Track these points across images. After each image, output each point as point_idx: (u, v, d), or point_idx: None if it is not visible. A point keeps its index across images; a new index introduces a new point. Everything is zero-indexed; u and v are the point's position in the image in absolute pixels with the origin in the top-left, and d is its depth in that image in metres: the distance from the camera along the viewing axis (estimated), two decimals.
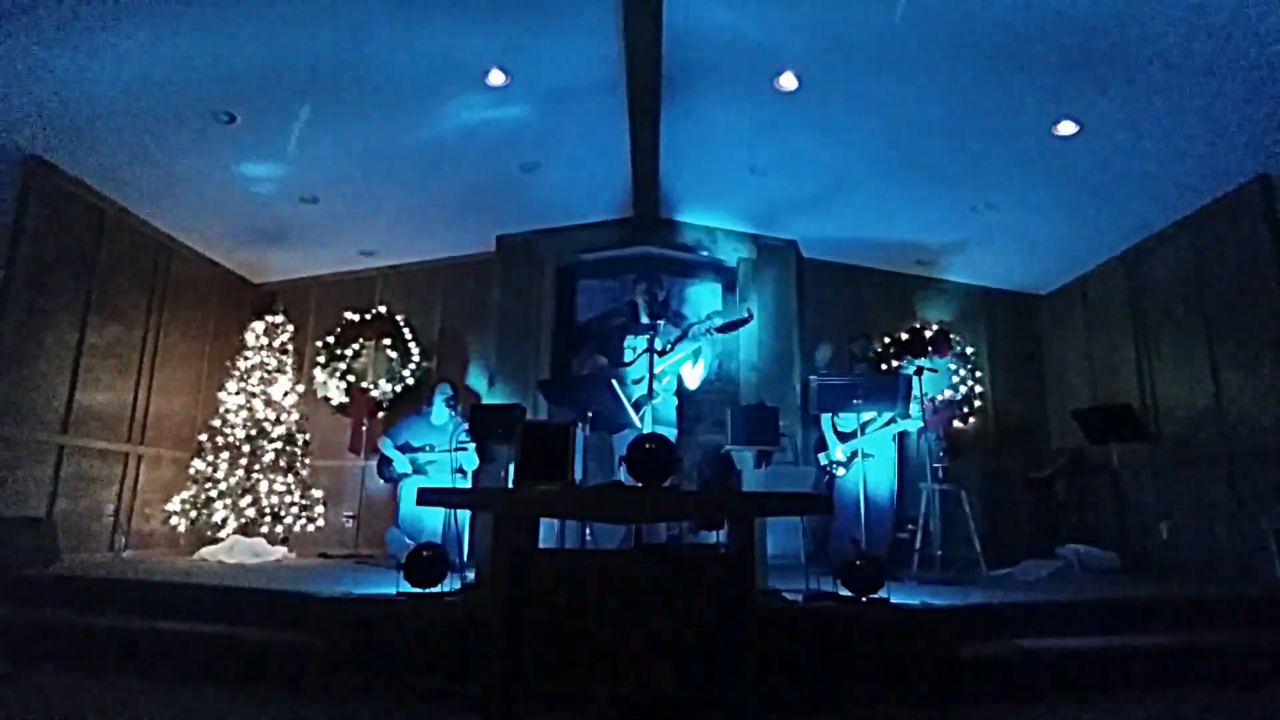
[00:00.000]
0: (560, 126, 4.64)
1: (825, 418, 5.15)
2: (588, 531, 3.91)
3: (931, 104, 4.15)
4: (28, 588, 3.80)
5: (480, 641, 2.75)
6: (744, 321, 4.78)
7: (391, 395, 6.30)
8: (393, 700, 2.86)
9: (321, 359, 6.48)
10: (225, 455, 5.36)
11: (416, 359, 6.37)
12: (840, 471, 5.02)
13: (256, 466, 5.39)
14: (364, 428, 6.17)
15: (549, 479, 2.94)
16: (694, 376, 4.86)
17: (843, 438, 5.09)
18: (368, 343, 6.55)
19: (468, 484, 4.75)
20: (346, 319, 6.52)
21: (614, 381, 4.06)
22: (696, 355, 4.80)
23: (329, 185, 5.22)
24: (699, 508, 3.29)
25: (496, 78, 4.08)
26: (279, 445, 5.54)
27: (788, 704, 2.82)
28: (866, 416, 4.71)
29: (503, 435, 3.94)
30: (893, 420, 4.87)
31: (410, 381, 6.31)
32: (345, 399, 6.36)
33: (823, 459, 5.18)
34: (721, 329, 4.73)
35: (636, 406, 4.51)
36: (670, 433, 4.83)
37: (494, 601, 2.70)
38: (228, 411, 5.51)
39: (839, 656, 2.90)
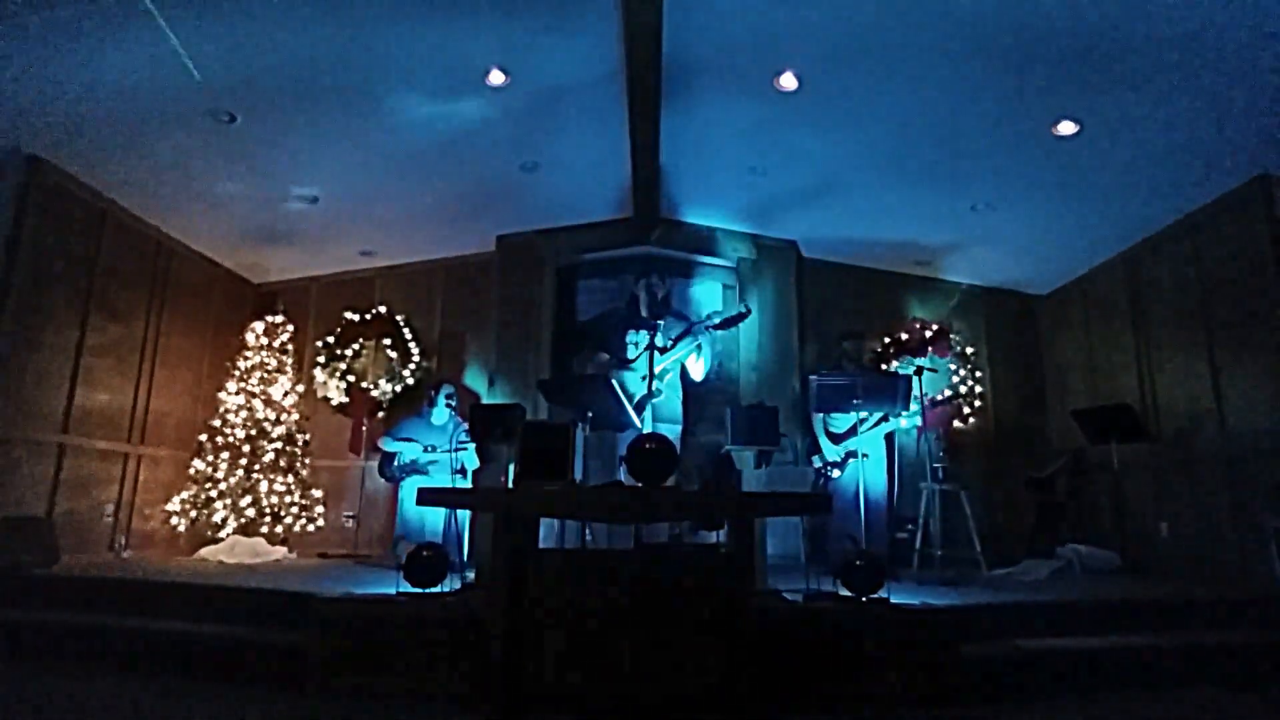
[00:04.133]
0: (560, 127, 4.64)
1: (818, 419, 5.17)
2: (588, 531, 3.92)
3: (931, 104, 4.15)
4: (28, 588, 3.81)
5: (480, 641, 2.75)
6: (743, 316, 4.89)
7: (391, 395, 6.30)
8: (393, 700, 2.86)
9: (321, 359, 6.47)
10: (225, 455, 5.35)
11: (416, 359, 6.36)
12: (835, 473, 5.02)
13: (256, 466, 5.39)
14: (364, 428, 6.17)
15: (549, 479, 2.94)
16: (698, 369, 4.98)
17: (838, 439, 5.09)
18: (368, 343, 6.54)
19: (468, 484, 4.76)
20: (346, 319, 6.51)
21: (614, 381, 4.07)
22: (699, 351, 4.90)
23: (329, 185, 5.22)
24: (699, 508, 3.29)
25: (496, 78, 4.08)
26: (279, 445, 5.55)
27: (788, 704, 2.82)
28: (861, 417, 4.72)
29: (503, 435, 3.95)
30: (884, 419, 4.88)
31: (410, 381, 6.31)
32: (345, 399, 6.36)
33: (817, 461, 5.19)
34: (720, 325, 4.82)
35: (639, 407, 4.53)
36: (675, 429, 4.87)
37: (494, 601, 2.71)
38: (228, 411, 5.52)
39: (839, 656, 2.90)
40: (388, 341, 6.47)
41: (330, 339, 6.51)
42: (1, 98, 4.01)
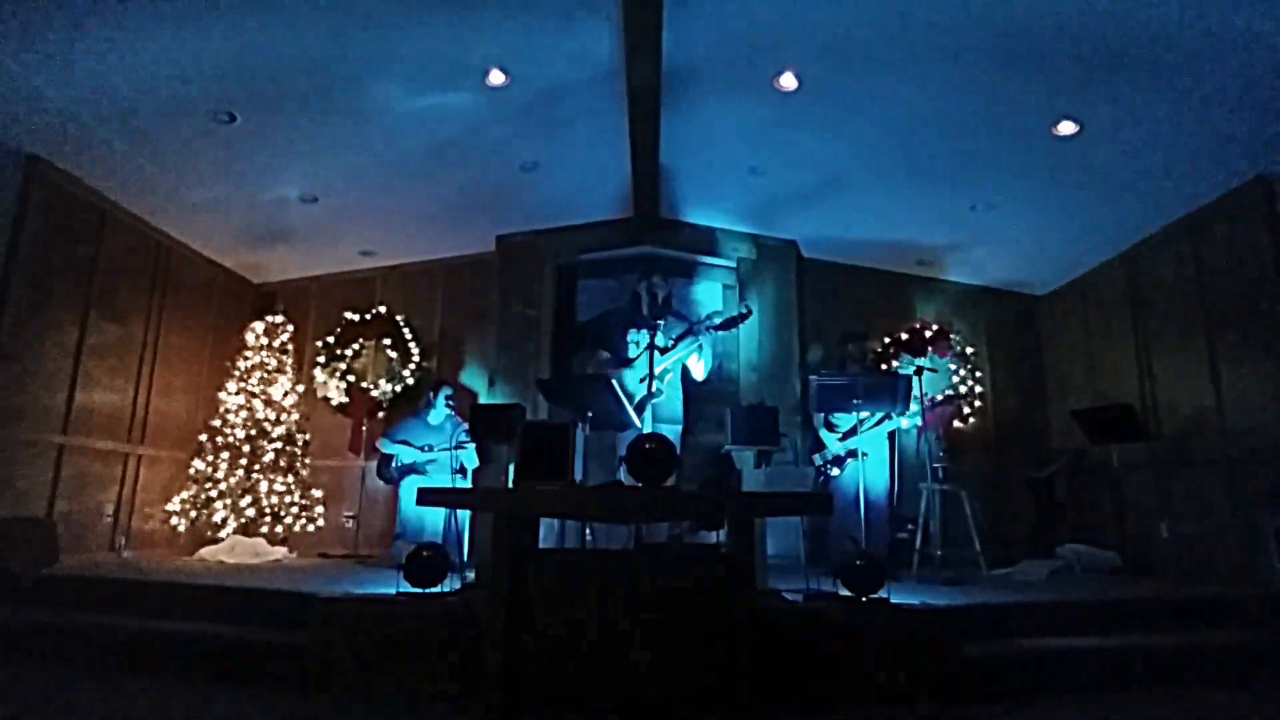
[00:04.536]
0: (560, 126, 4.64)
1: (818, 418, 5.17)
2: (588, 531, 3.91)
3: (931, 104, 4.15)
4: (28, 588, 3.81)
5: (480, 641, 2.75)
6: (744, 317, 4.89)
7: (391, 395, 6.30)
8: (393, 700, 2.86)
9: (321, 359, 6.47)
10: (225, 455, 5.36)
11: (416, 359, 6.36)
12: (835, 472, 5.02)
13: (256, 466, 5.39)
14: (364, 428, 6.17)
15: (549, 479, 2.94)
16: (699, 369, 4.99)
17: (840, 436, 5.09)
18: (368, 343, 6.54)
19: (468, 484, 4.76)
20: (346, 319, 6.51)
21: (614, 381, 4.06)
22: (700, 351, 4.91)
23: (329, 185, 5.22)
24: (699, 508, 3.29)
25: (496, 78, 4.08)
26: (279, 445, 5.55)
27: (788, 704, 2.82)
28: (862, 416, 4.72)
29: (503, 435, 3.95)
30: (886, 418, 4.87)
31: (410, 381, 6.31)
32: (345, 399, 6.36)
33: (817, 459, 5.19)
34: (721, 325, 4.82)
35: (639, 407, 4.53)
36: (675, 429, 4.88)
37: (494, 601, 2.71)
38: (228, 411, 5.52)
39: (839, 656, 2.90)
40: (388, 341, 6.47)
41: (330, 339, 6.52)
42: (1, 98, 4.01)
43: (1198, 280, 4.87)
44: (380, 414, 6.30)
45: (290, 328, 6.10)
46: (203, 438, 5.46)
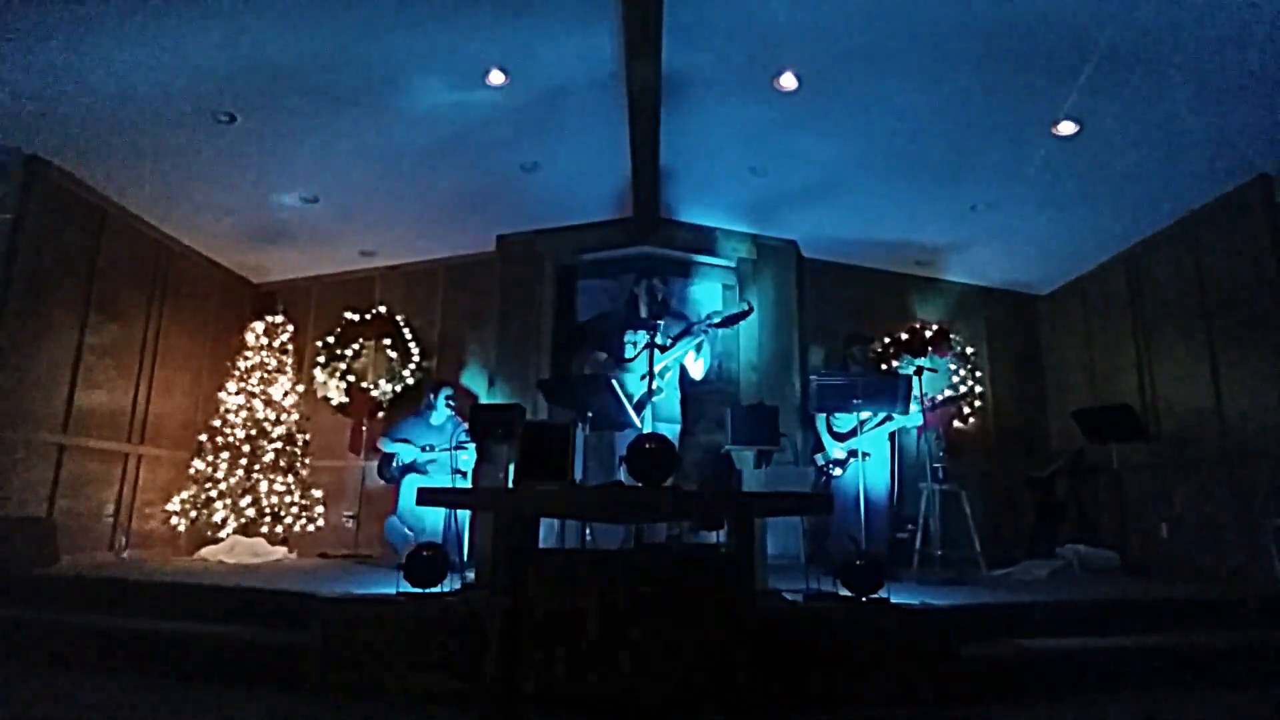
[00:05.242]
0: (560, 126, 4.64)
1: (820, 418, 5.17)
2: (588, 531, 3.91)
3: (931, 104, 4.15)
4: (28, 588, 3.81)
5: (480, 641, 2.75)
6: (745, 314, 4.86)
7: (391, 395, 6.30)
8: (392, 700, 2.86)
9: (321, 359, 6.47)
10: (225, 455, 5.36)
11: (416, 359, 6.36)
12: (837, 472, 5.02)
13: (256, 466, 5.39)
14: (364, 428, 6.17)
15: (549, 479, 2.95)
16: (697, 369, 4.97)
17: (840, 438, 5.09)
18: (368, 343, 6.54)
19: (468, 484, 4.75)
20: (346, 319, 6.51)
21: (614, 381, 4.06)
22: (699, 349, 4.89)
23: (329, 185, 5.22)
24: (699, 508, 3.29)
25: (496, 78, 4.08)
26: (279, 445, 5.55)
27: (788, 704, 2.82)
28: (863, 416, 4.72)
29: (503, 435, 3.95)
30: (888, 418, 4.87)
31: (410, 381, 6.31)
32: (345, 399, 6.36)
33: (819, 459, 5.18)
34: (722, 323, 4.80)
35: (639, 406, 4.53)
36: (674, 429, 4.87)
37: (494, 601, 2.71)
38: (228, 411, 5.52)
39: (839, 656, 2.90)
40: (388, 341, 6.47)
41: (330, 339, 6.51)
42: (1, 98, 4.01)
43: (1198, 280, 4.87)
44: (380, 414, 6.30)
45: (290, 328, 6.11)
46: (203, 438, 5.47)
